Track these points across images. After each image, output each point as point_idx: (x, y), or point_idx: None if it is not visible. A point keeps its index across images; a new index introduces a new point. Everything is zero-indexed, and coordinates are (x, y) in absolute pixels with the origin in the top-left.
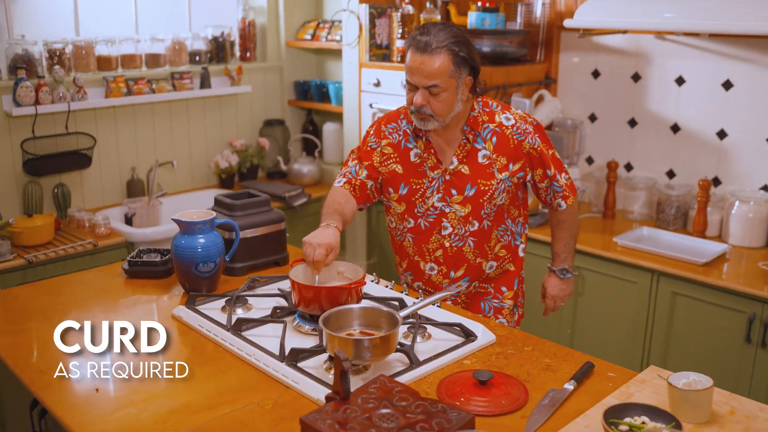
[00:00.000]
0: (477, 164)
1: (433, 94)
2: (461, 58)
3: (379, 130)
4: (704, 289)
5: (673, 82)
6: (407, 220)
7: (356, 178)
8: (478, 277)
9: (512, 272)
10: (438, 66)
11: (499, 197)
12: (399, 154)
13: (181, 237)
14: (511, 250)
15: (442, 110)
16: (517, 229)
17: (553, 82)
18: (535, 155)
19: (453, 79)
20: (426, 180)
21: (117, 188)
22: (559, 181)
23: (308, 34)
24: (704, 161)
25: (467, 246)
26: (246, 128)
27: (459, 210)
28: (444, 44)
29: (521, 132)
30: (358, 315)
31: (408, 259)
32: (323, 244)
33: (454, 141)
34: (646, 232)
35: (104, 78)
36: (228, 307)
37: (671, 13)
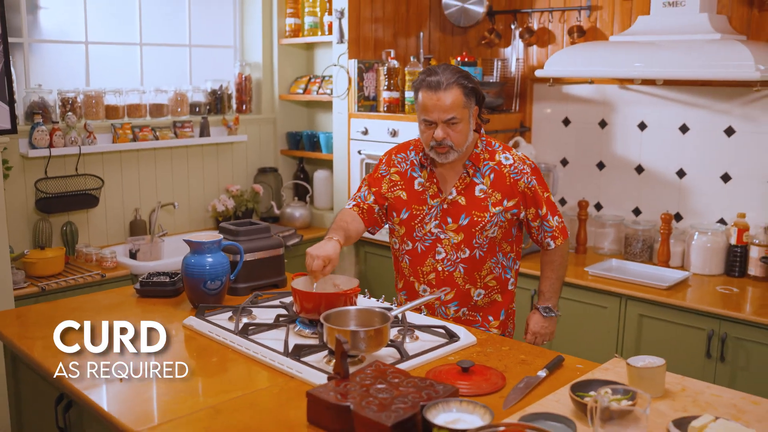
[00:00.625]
0: (473, 197)
1: (452, 126)
2: (470, 89)
3: (390, 159)
4: (668, 310)
5: (636, 127)
6: (406, 242)
7: (364, 202)
8: (467, 303)
9: (500, 303)
10: (453, 100)
11: (491, 229)
12: (405, 182)
13: (191, 256)
14: (500, 282)
15: (460, 140)
16: (508, 263)
17: (527, 130)
18: (529, 195)
19: (466, 109)
20: (426, 207)
21: (120, 228)
22: (549, 222)
23: (300, 89)
24: (666, 198)
25: (458, 271)
26: (241, 175)
27: (453, 237)
28: (453, 80)
29: (518, 172)
30: (354, 315)
31: (404, 279)
32: (321, 255)
33: (455, 174)
34: (615, 263)
35: (112, 125)
36: (235, 316)
37: (631, 63)
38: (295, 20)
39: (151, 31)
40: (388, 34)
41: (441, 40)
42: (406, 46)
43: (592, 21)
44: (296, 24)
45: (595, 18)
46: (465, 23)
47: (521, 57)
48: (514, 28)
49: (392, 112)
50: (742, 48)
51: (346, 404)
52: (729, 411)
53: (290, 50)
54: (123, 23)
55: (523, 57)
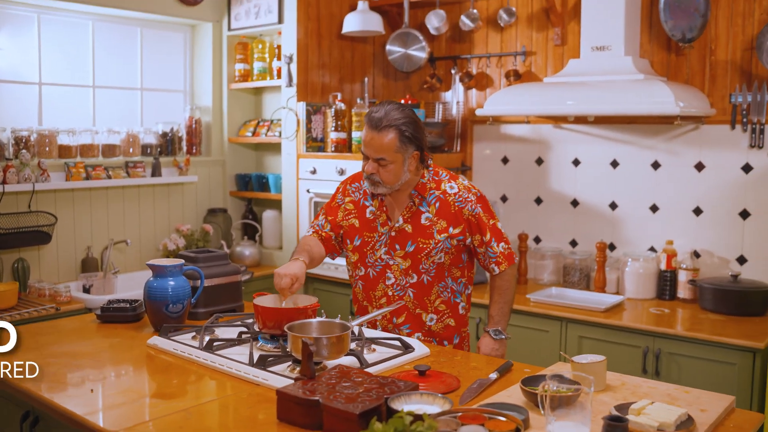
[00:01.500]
0: (419, 225)
1: (382, 165)
2: (407, 137)
3: (345, 189)
4: (606, 330)
5: (571, 163)
6: (359, 268)
7: (322, 230)
8: (420, 328)
9: (452, 327)
10: (386, 143)
11: (437, 255)
12: (358, 210)
13: (153, 280)
14: (450, 306)
15: (389, 179)
16: (458, 288)
17: (468, 169)
18: (473, 222)
19: (399, 154)
20: (376, 234)
21: (72, 265)
22: (493, 248)
23: (249, 131)
24: (600, 229)
25: (407, 296)
26: (192, 215)
27: (401, 263)
28: (393, 124)
29: (462, 200)
30: (315, 327)
31: (358, 304)
32: (289, 274)
33: (402, 203)
34: (555, 291)
35: (65, 163)
36: (199, 335)
37: (564, 101)
38: (245, 65)
39: (104, 73)
40: (335, 79)
41: (385, 85)
42: (351, 91)
43: (527, 65)
44: (245, 69)
45: (530, 62)
46: (408, 68)
47: (461, 100)
48: (454, 72)
49: (340, 152)
50: (663, 86)
51: (315, 398)
52: (664, 399)
53: (239, 94)
54: (76, 65)
55: (464, 100)
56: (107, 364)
